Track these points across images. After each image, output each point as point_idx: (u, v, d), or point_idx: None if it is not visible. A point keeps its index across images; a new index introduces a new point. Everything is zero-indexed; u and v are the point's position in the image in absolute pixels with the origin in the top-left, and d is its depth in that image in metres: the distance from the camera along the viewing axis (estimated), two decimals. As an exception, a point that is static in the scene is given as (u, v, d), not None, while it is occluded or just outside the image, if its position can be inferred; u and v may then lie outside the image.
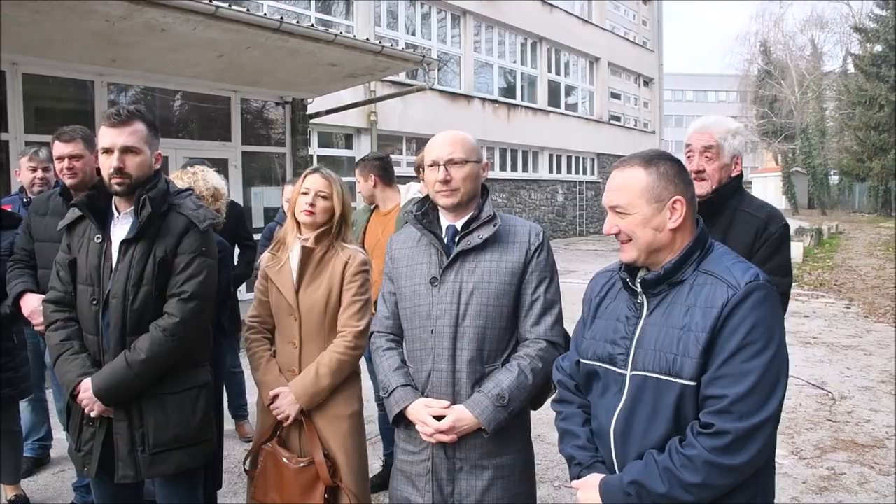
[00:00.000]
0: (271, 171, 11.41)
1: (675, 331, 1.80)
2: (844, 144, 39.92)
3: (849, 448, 5.05)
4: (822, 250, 20.55)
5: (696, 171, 2.73)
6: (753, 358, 1.71)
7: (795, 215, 40.92)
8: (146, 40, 7.47)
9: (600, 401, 1.98)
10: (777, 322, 1.78)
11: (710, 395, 1.74)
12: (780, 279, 2.57)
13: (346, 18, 15.38)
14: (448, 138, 2.45)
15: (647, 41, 30.40)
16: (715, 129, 2.79)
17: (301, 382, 2.81)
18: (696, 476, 1.71)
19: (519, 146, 21.58)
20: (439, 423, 2.28)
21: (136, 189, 2.62)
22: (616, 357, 1.92)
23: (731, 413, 1.69)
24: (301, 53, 8.37)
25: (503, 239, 2.41)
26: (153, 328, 2.57)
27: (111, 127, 2.59)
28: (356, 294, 2.88)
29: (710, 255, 1.88)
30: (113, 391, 2.54)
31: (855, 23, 40.33)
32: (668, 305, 1.85)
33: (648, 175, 1.88)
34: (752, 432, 1.69)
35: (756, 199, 2.83)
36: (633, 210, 1.88)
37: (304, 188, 2.90)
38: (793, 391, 6.46)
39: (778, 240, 2.67)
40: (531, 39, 22.15)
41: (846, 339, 8.82)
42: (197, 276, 2.63)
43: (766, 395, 1.70)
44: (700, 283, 1.82)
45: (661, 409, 1.81)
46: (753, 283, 1.76)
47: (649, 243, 1.88)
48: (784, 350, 1.77)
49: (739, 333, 1.72)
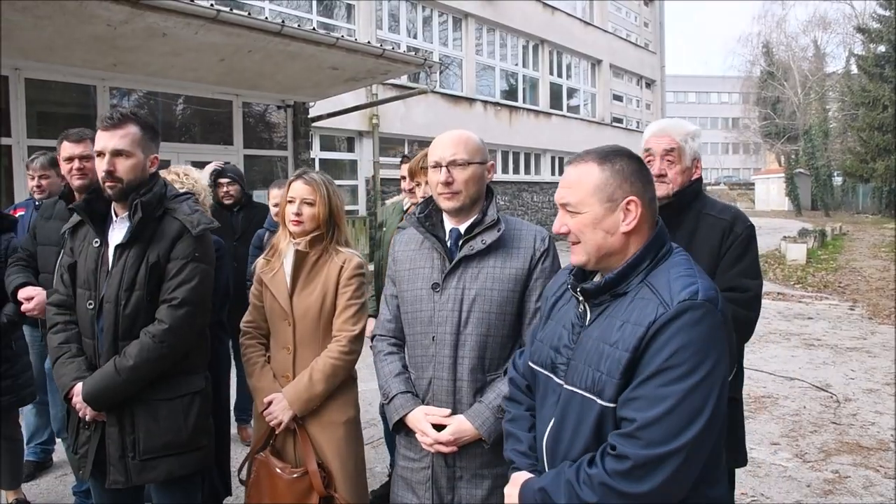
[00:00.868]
0: (273, 174, 11.41)
1: (606, 347, 1.67)
2: (848, 145, 39.81)
3: (853, 451, 5.01)
4: (825, 252, 20.50)
5: (658, 175, 2.68)
6: (673, 383, 1.55)
7: (799, 217, 40.88)
8: (148, 44, 7.48)
9: (540, 409, 1.90)
10: (712, 346, 1.58)
11: (623, 416, 1.61)
12: (751, 281, 2.59)
13: (348, 22, 15.39)
14: (451, 138, 2.38)
15: (649, 43, 30.39)
16: (675, 132, 2.74)
17: (294, 388, 2.77)
18: (593, 496, 1.60)
19: (521, 148, 21.58)
20: (439, 433, 2.25)
21: (129, 193, 2.60)
22: (557, 366, 1.82)
23: (637, 439, 1.55)
24: (302, 57, 8.38)
25: (507, 244, 2.35)
26: (143, 334, 2.56)
27: (104, 130, 2.59)
28: (351, 298, 2.84)
29: (662, 263, 1.73)
30: (101, 396, 2.54)
31: (858, 23, 40.23)
32: (607, 318, 1.72)
33: (602, 172, 1.73)
34: (657, 462, 1.53)
35: (718, 202, 2.81)
36: (583, 209, 1.74)
37: (290, 196, 2.86)
38: (797, 393, 6.44)
39: (745, 241, 2.64)
40: (533, 42, 22.15)
41: (850, 340, 8.78)
42: (189, 283, 2.60)
43: (682, 424, 1.53)
44: (640, 297, 1.67)
45: (584, 428, 1.70)
46: (688, 301, 1.59)
47: (599, 246, 1.74)
48: (717, 377, 1.58)
49: (662, 355, 1.57)
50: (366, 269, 2.95)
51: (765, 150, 55.91)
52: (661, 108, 31.08)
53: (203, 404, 2.74)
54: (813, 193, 45.55)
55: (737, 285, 2.57)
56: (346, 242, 2.96)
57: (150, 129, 2.70)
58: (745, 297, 2.56)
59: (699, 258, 2.54)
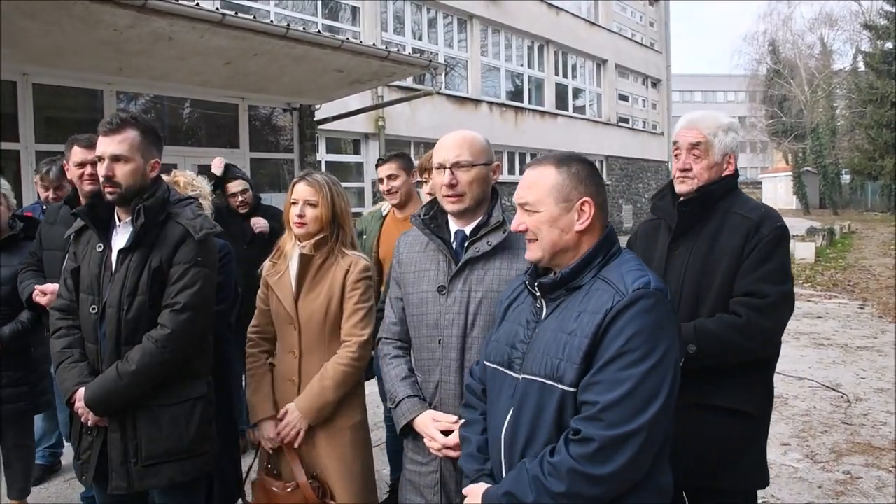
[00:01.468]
0: (280, 177, 11.42)
1: (564, 335, 1.76)
2: (855, 143, 39.64)
3: (865, 451, 4.98)
4: (834, 250, 20.43)
5: (683, 170, 2.57)
6: (631, 367, 1.65)
7: (807, 215, 40.75)
8: (154, 49, 7.50)
9: (495, 406, 1.94)
10: (664, 332, 1.70)
11: (584, 400, 1.70)
12: (772, 287, 2.39)
13: (353, 24, 15.40)
14: (456, 139, 2.37)
15: (655, 42, 30.31)
16: (704, 125, 2.57)
17: (306, 398, 2.75)
18: (561, 485, 1.66)
19: (527, 149, 21.54)
20: (447, 438, 2.24)
21: (129, 197, 2.60)
22: (513, 360, 1.89)
23: (600, 420, 1.64)
24: (308, 60, 8.38)
25: (513, 245, 2.32)
26: (145, 339, 2.55)
27: (103, 135, 2.59)
28: (359, 302, 2.81)
29: (613, 260, 1.85)
30: (103, 402, 2.53)
31: (865, 20, 40.08)
32: (563, 311, 1.82)
33: (559, 174, 1.86)
34: (621, 442, 1.62)
35: (752, 201, 2.62)
36: (540, 208, 1.85)
37: (293, 198, 2.84)
38: (807, 393, 6.41)
39: (771, 243, 2.42)
40: (538, 42, 22.12)
41: (860, 340, 8.75)
42: (191, 287, 2.59)
43: (641, 406, 1.63)
44: (595, 289, 1.78)
45: (544, 416, 1.76)
46: (641, 290, 1.71)
47: (554, 243, 1.85)
48: (669, 362, 1.69)
49: (619, 340, 1.67)
50: (373, 272, 2.91)
51: (772, 148, 55.81)
52: (668, 108, 31.00)
53: (205, 410, 2.73)
54: (821, 191, 45.43)
55: (755, 290, 2.38)
56: (352, 244, 2.92)
57: (151, 134, 2.69)
58: (762, 303, 2.37)
59: (721, 258, 2.45)
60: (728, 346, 2.37)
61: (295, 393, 2.82)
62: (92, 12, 6.20)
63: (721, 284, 2.45)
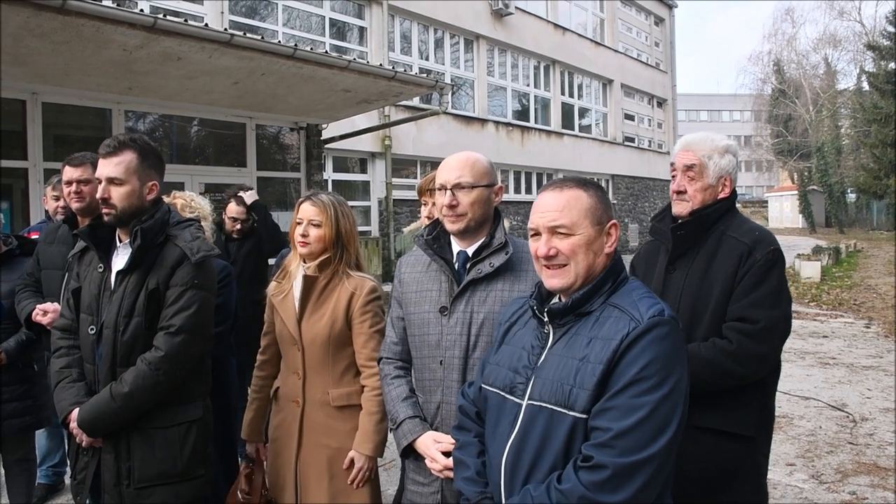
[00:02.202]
0: (286, 196, 11.49)
1: (575, 361, 1.73)
2: (861, 162, 39.60)
3: (871, 472, 4.95)
4: (840, 269, 20.36)
5: (678, 192, 2.60)
6: (646, 394, 1.63)
7: (813, 234, 40.66)
8: (162, 68, 7.59)
9: (494, 431, 1.90)
10: (677, 361, 1.69)
11: (596, 426, 1.66)
12: (764, 312, 2.40)
13: (360, 44, 15.53)
14: (458, 161, 2.39)
15: (660, 62, 30.43)
16: (699, 148, 2.60)
17: (367, 439, 2.72)
18: None
19: (533, 168, 21.59)
20: (448, 459, 2.23)
21: (125, 219, 2.62)
22: (516, 386, 1.85)
23: (613, 447, 1.61)
24: (315, 79, 8.46)
25: (516, 267, 2.34)
26: (139, 361, 2.55)
27: (102, 158, 2.61)
28: (372, 326, 2.79)
29: (621, 287, 1.83)
30: (96, 423, 2.53)
31: (868, 41, 40.21)
32: (571, 336, 1.79)
33: (589, 197, 1.83)
34: (633, 470, 1.59)
35: (747, 223, 2.61)
36: (577, 230, 1.80)
37: (298, 218, 2.84)
38: (812, 413, 6.38)
39: (764, 267, 2.43)
40: (544, 62, 22.23)
41: (866, 359, 8.70)
42: (187, 310, 2.59)
43: (654, 433, 1.61)
44: (606, 316, 1.76)
45: (552, 442, 1.73)
46: (657, 317, 1.69)
47: (589, 266, 1.81)
48: (681, 390, 1.68)
49: (635, 367, 1.65)
50: (381, 291, 2.90)
51: (777, 167, 55.75)
52: (673, 127, 31.05)
53: (201, 433, 2.72)
54: (827, 210, 45.33)
55: (746, 316, 2.40)
56: (357, 265, 2.91)
57: (150, 156, 2.69)
58: (753, 328, 2.38)
59: (715, 282, 2.46)
60: (720, 371, 2.39)
61: (299, 414, 2.81)
62: (102, 33, 6.29)
63: (715, 308, 2.47)
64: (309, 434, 2.81)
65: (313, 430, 2.80)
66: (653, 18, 29.89)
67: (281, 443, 2.88)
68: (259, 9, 13.33)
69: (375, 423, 2.72)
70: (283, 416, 2.89)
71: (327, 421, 2.79)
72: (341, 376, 2.82)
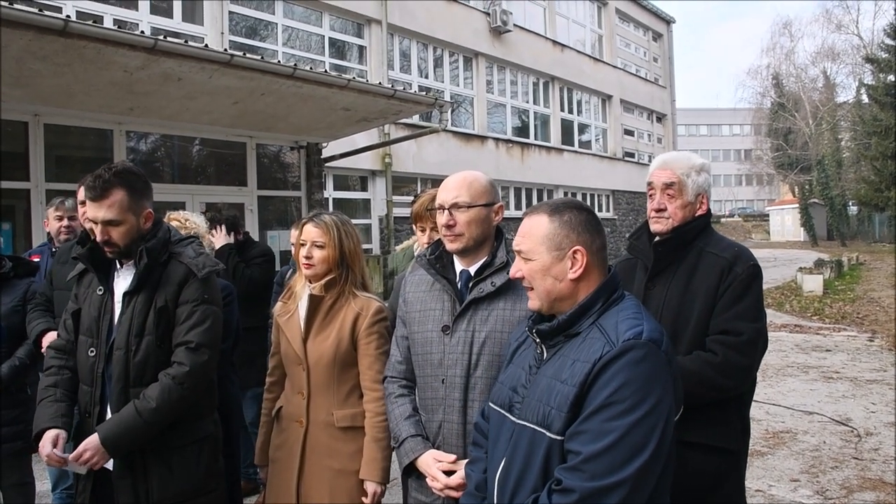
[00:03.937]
0: (287, 214, 11.52)
1: (557, 383, 1.76)
2: (861, 175, 39.66)
3: (877, 487, 4.91)
4: (842, 282, 20.31)
5: (658, 210, 2.65)
6: (616, 418, 1.62)
7: (815, 247, 40.62)
8: (163, 89, 7.63)
9: (494, 448, 1.95)
10: (655, 383, 1.67)
11: (569, 449, 1.67)
12: (747, 325, 2.45)
13: (360, 63, 15.61)
14: (456, 181, 2.41)
15: (659, 77, 30.57)
16: (677, 166, 2.66)
17: (374, 466, 2.69)
18: None
19: (533, 185, 21.64)
20: (450, 479, 2.24)
21: (131, 251, 2.63)
22: (513, 404, 1.89)
23: (582, 471, 1.61)
24: (315, 98, 8.51)
25: (518, 286, 2.30)
26: (163, 376, 2.55)
27: (90, 201, 2.58)
28: (378, 347, 2.77)
29: (613, 307, 1.83)
30: (120, 441, 2.50)
31: (866, 53, 40.40)
32: (560, 357, 1.81)
33: (551, 223, 1.87)
34: (601, 494, 1.59)
35: (725, 240, 2.68)
36: (533, 256, 1.88)
37: (302, 239, 2.85)
38: (816, 428, 6.34)
39: (745, 282, 2.49)
40: (543, 79, 22.34)
41: (870, 373, 8.66)
42: (201, 325, 2.61)
43: (626, 458, 1.60)
44: (591, 337, 1.77)
45: (533, 462, 1.76)
46: (632, 340, 1.69)
47: (548, 291, 1.86)
48: (661, 413, 1.65)
49: (606, 391, 1.65)
50: (387, 312, 2.89)
51: (778, 180, 55.84)
52: (673, 142, 31.14)
53: (213, 448, 2.74)
54: (828, 223, 45.33)
55: (730, 329, 2.45)
56: (363, 286, 2.90)
57: (138, 186, 2.65)
58: (738, 341, 2.43)
59: (696, 298, 2.51)
60: (706, 383, 2.41)
61: (302, 435, 2.79)
62: (103, 55, 6.33)
63: (697, 323, 2.51)
64: (312, 455, 2.78)
65: (316, 451, 2.78)
66: (651, 34, 30.07)
67: (282, 463, 2.85)
68: (259, 29, 13.41)
69: (382, 450, 2.70)
70: (285, 437, 2.87)
71: (330, 442, 2.77)
72: (346, 397, 2.80)
